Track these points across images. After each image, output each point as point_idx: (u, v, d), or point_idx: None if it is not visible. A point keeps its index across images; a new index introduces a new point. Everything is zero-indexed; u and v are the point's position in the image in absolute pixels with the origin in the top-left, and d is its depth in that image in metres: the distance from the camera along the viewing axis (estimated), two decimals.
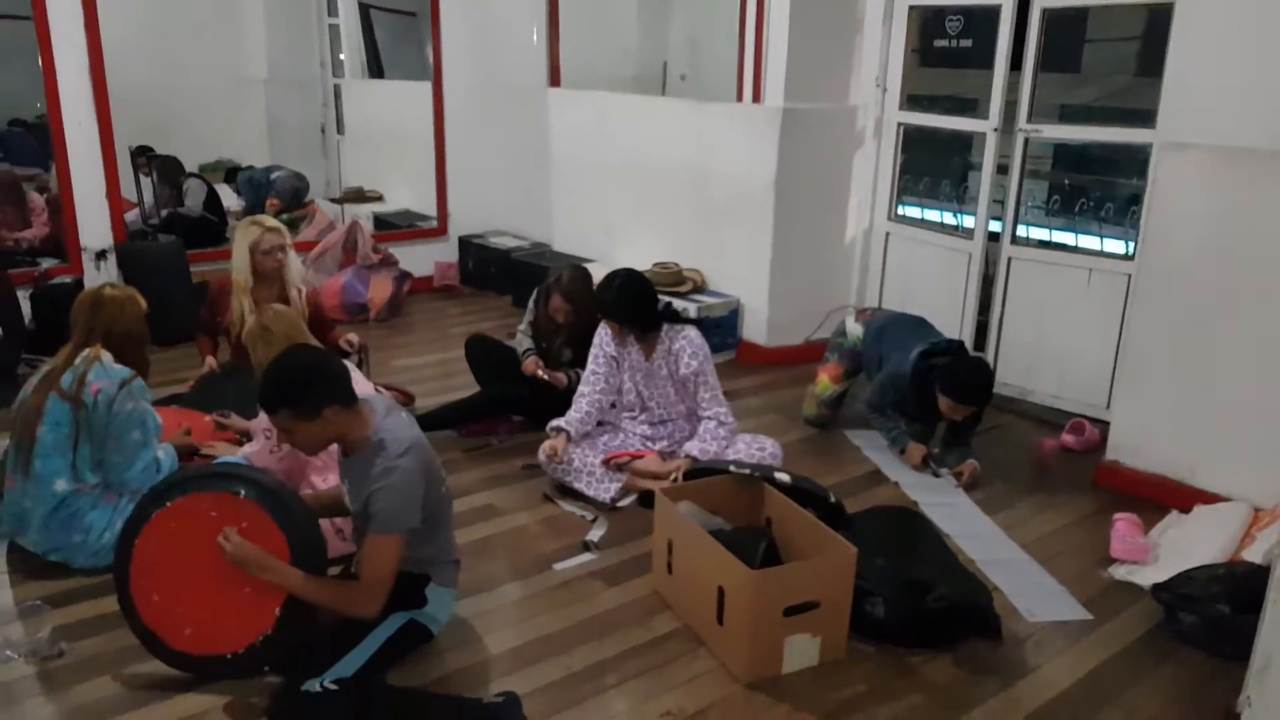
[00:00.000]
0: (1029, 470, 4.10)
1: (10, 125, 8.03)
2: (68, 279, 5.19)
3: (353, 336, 4.35)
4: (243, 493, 2.49)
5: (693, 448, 3.65)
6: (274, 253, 4.08)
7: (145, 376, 3.17)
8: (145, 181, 7.19)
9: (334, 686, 2.36)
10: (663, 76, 8.20)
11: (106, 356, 3.07)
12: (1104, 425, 4.22)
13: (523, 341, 4.35)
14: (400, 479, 2.46)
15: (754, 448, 3.72)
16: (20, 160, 6.92)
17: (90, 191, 5.30)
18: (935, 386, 3.77)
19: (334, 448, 2.60)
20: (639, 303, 3.69)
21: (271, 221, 4.18)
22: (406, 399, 4.42)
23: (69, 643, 2.68)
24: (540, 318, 4.29)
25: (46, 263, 5.48)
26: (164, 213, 7.03)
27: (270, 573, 2.44)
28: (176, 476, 2.60)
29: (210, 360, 4.22)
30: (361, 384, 3.27)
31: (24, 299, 4.90)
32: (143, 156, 7.18)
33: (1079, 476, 3.99)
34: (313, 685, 2.34)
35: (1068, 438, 4.27)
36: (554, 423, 3.76)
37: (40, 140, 7.79)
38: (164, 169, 7.20)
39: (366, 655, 2.47)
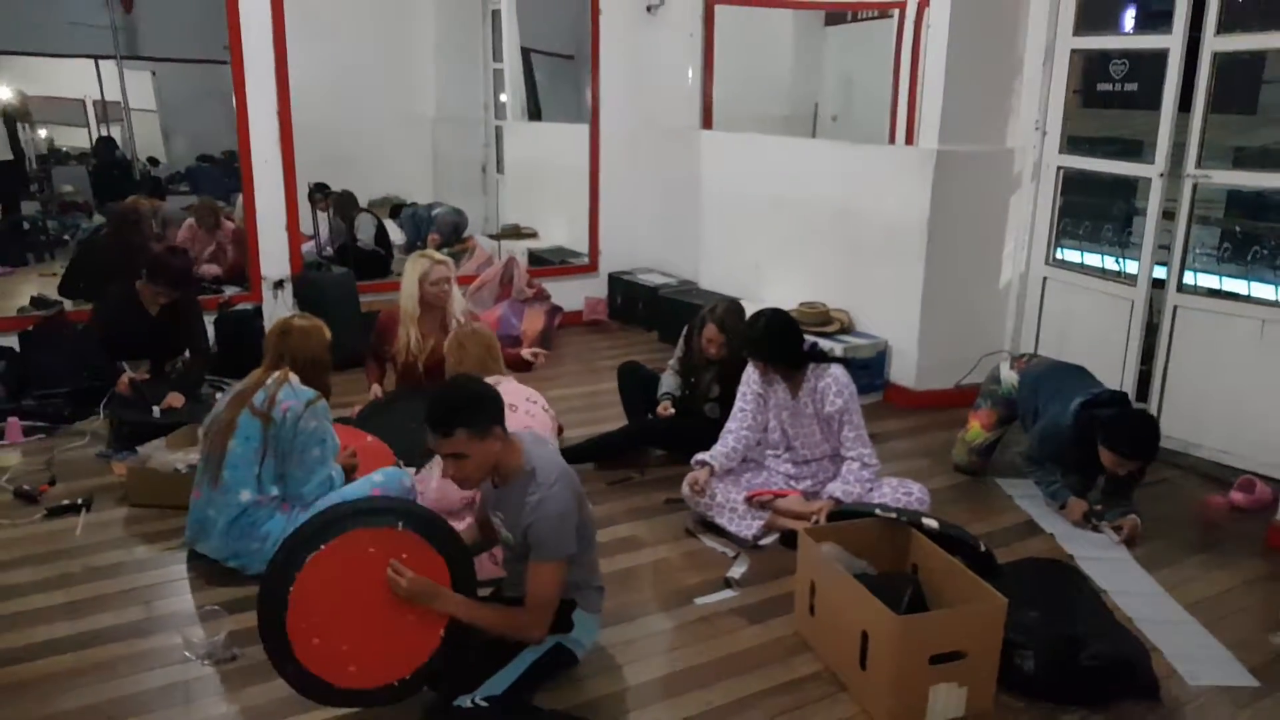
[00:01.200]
0: (1194, 528, 3.91)
1: (199, 160, 8.71)
2: (249, 306, 5.59)
3: (539, 350, 4.53)
4: (400, 525, 2.50)
5: (835, 489, 3.64)
6: (441, 284, 4.30)
7: (327, 399, 3.41)
8: (321, 216, 7.64)
9: (484, 704, 2.44)
10: (814, 117, 8.25)
11: (294, 378, 3.32)
12: (1277, 483, 4.01)
13: (666, 382, 4.43)
14: (557, 506, 2.55)
15: (900, 492, 3.68)
16: (205, 192, 7.47)
17: (272, 225, 5.71)
18: (1098, 439, 3.63)
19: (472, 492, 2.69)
20: (784, 340, 3.71)
21: (439, 255, 4.41)
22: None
23: (241, 648, 2.84)
24: (693, 352, 4.36)
25: (229, 290, 5.91)
26: (337, 245, 7.44)
27: (443, 601, 2.49)
28: (326, 516, 2.53)
29: (376, 388, 4.46)
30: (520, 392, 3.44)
31: (209, 323, 5.26)
32: (319, 193, 7.63)
33: (1249, 537, 3.79)
34: (464, 701, 2.43)
35: (1237, 495, 4.06)
36: (699, 456, 3.82)
37: (225, 174, 8.45)
38: (339, 204, 7.63)
39: (515, 675, 2.55)
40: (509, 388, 3.44)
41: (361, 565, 2.44)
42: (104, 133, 8.20)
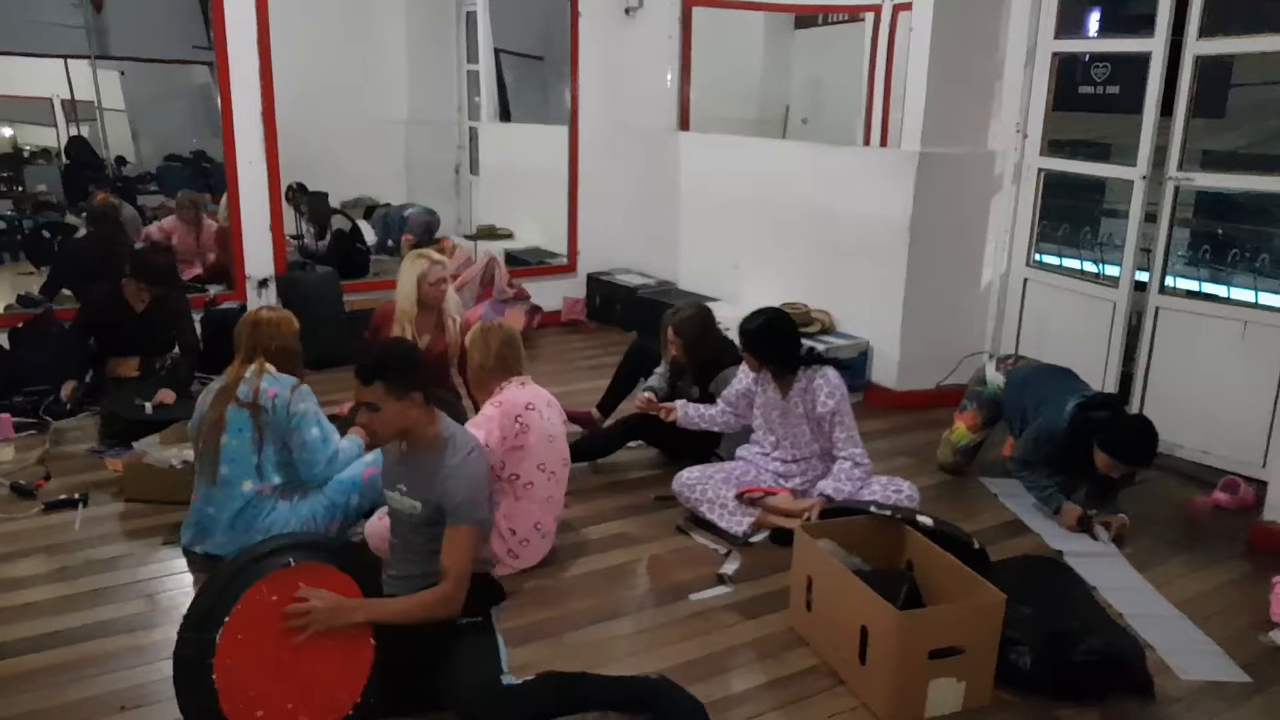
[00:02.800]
0: (1179, 527, 3.96)
1: (166, 160, 8.62)
2: (234, 304, 5.53)
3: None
4: (292, 559, 2.41)
5: (827, 486, 3.65)
6: (439, 284, 4.30)
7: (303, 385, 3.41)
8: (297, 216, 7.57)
9: (529, 676, 2.48)
10: (784, 120, 8.29)
11: (270, 368, 3.33)
12: (1259, 483, 4.07)
13: (654, 381, 4.46)
14: (476, 471, 2.62)
15: (890, 490, 3.69)
16: (173, 192, 7.37)
17: (256, 225, 5.66)
18: (1095, 442, 3.66)
19: None
20: (782, 341, 3.72)
21: (437, 255, 4.40)
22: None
23: None
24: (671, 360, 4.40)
25: (213, 289, 5.86)
26: (321, 245, 7.36)
27: (358, 612, 2.45)
28: (213, 588, 2.36)
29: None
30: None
31: (196, 322, 5.19)
32: (301, 194, 7.57)
33: (1233, 536, 3.84)
34: (511, 679, 2.45)
35: (1220, 495, 4.12)
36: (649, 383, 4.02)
37: (193, 174, 8.36)
38: (312, 206, 7.56)
39: (503, 646, 2.62)
40: (534, 390, 3.42)
41: (270, 618, 2.33)
42: (74, 132, 8.10)
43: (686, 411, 4.01)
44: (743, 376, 3.92)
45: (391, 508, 2.75)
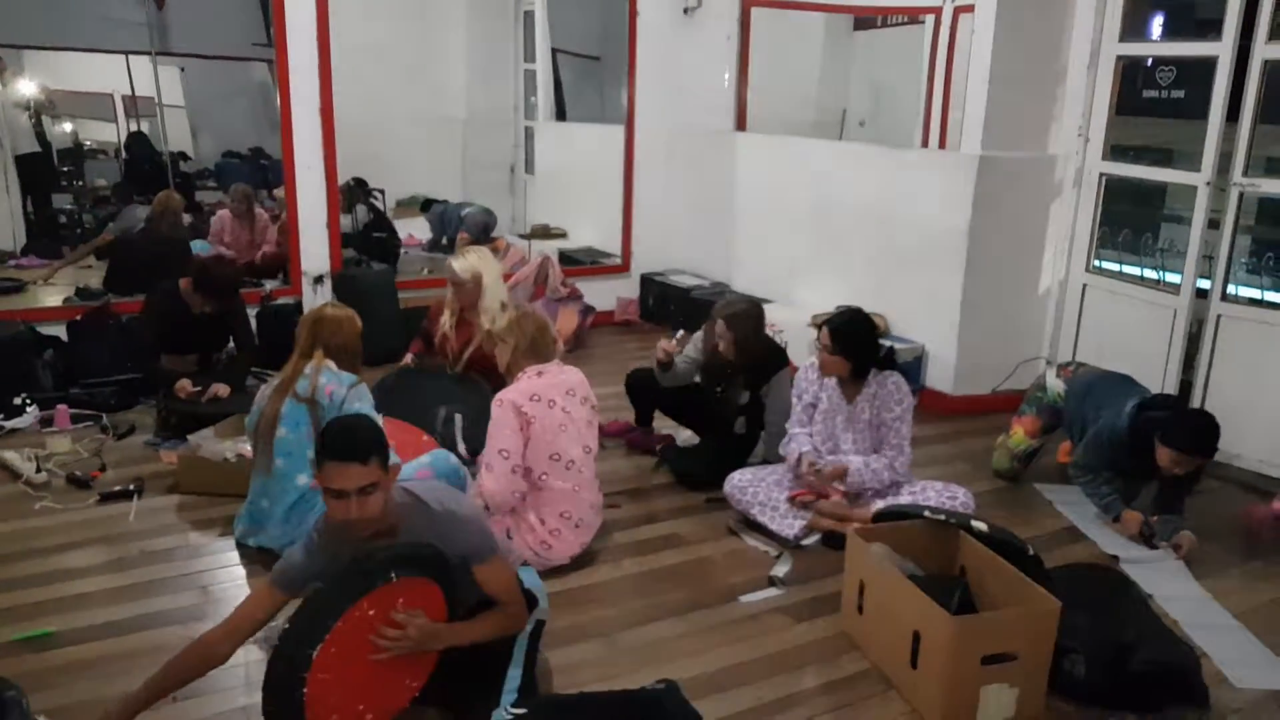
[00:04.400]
0: (1238, 537, 3.90)
1: (225, 156, 8.79)
2: (289, 300, 5.64)
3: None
4: (394, 575, 2.36)
5: (856, 461, 3.69)
6: (460, 287, 4.37)
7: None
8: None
9: (520, 710, 2.43)
10: (841, 122, 8.25)
11: (330, 364, 3.38)
12: None
13: (685, 355, 4.33)
14: (467, 507, 2.57)
15: (945, 496, 3.68)
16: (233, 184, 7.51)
17: (313, 221, 5.75)
18: (1156, 437, 3.59)
19: None
20: (870, 340, 3.72)
21: (468, 262, 4.40)
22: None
23: None
24: (711, 353, 4.25)
25: (269, 284, 5.97)
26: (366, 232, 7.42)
27: (443, 638, 2.45)
28: (316, 604, 2.33)
29: (409, 357, 4.60)
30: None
31: (250, 317, 5.28)
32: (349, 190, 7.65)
33: None
34: (500, 715, 2.42)
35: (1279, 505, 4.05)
36: (805, 448, 3.81)
37: (252, 170, 8.52)
38: (345, 193, 7.48)
39: (520, 665, 2.56)
40: (550, 380, 3.45)
41: (365, 633, 2.34)
42: (134, 128, 8.29)
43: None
44: (806, 386, 3.89)
45: None
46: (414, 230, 8.37)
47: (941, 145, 7.02)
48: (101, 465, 4.16)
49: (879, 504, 3.62)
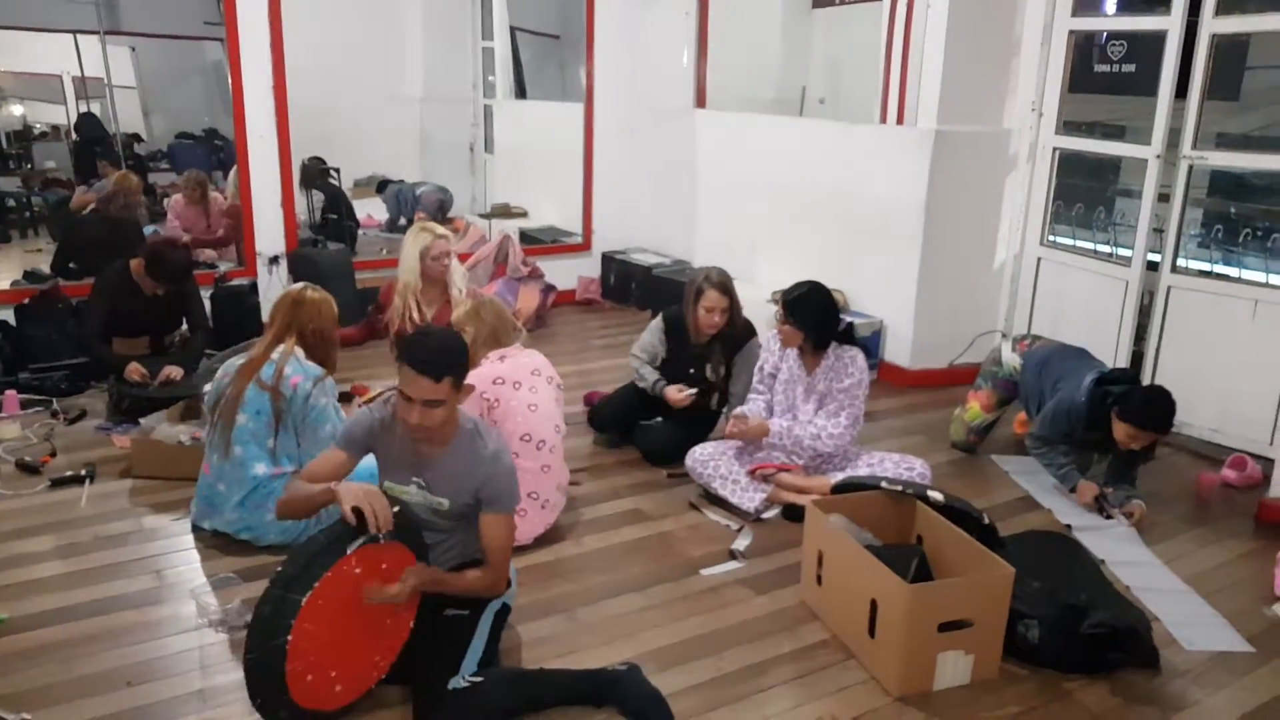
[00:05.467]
0: (1188, 504, 3.98)
1: (177, 138, 8.63)
2: (244, 281, 5.57)
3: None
4: (381, 537, 2.42)
5: (778, 424, 3.76)
6: (441, 259, 4.34)
7: (332, 375, 3.40)
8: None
9: (478, 678, 2.46)
10: (801, 99, 8.26)
11: (299, 352, 3.30)
12: (1267, 461, 4.09)
13: (646, 374, 4.27)
14: (509, 459, 2.63)
15: (902, 467, 3.73)
16: (186, 170, 7.38)
17: (267, 201, 5.68)
18: (1113, 413, 3.66)
19: None
20: (827, 313, 3.75)
21: (440, 229, 4.42)
22: None
23: None
24: (690, 333, 4.16)
25: (223, 265, 5.89)
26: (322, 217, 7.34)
27: (425, 580, 2.50)
28: (309, 550, 2.38)
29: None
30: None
31: (204, 299, 5.21)
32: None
33: (1240, 512, 3.87)
34: (458, 682, 2.44)
35: (1229, 473, 4.13)
36: (738, 410, 3.90)
37: (207, 151, 8.37)
38: (304, 174, 7.36)
39: (483, 643, 2.57)
40: (513, 363, 3.46)
41: (350, 588, 2.38)
42: (83, 109, 8.11)
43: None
44: (768, 356, 3.93)
45: (399, 500, 2.64)
46: (371, 210, 8.28)
47: (899, 122, 7.03)
48: (52, 450, 4.09)
49: (838, 476, 3.66)
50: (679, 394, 4.14)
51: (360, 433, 2.66)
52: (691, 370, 4.22)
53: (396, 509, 2.47)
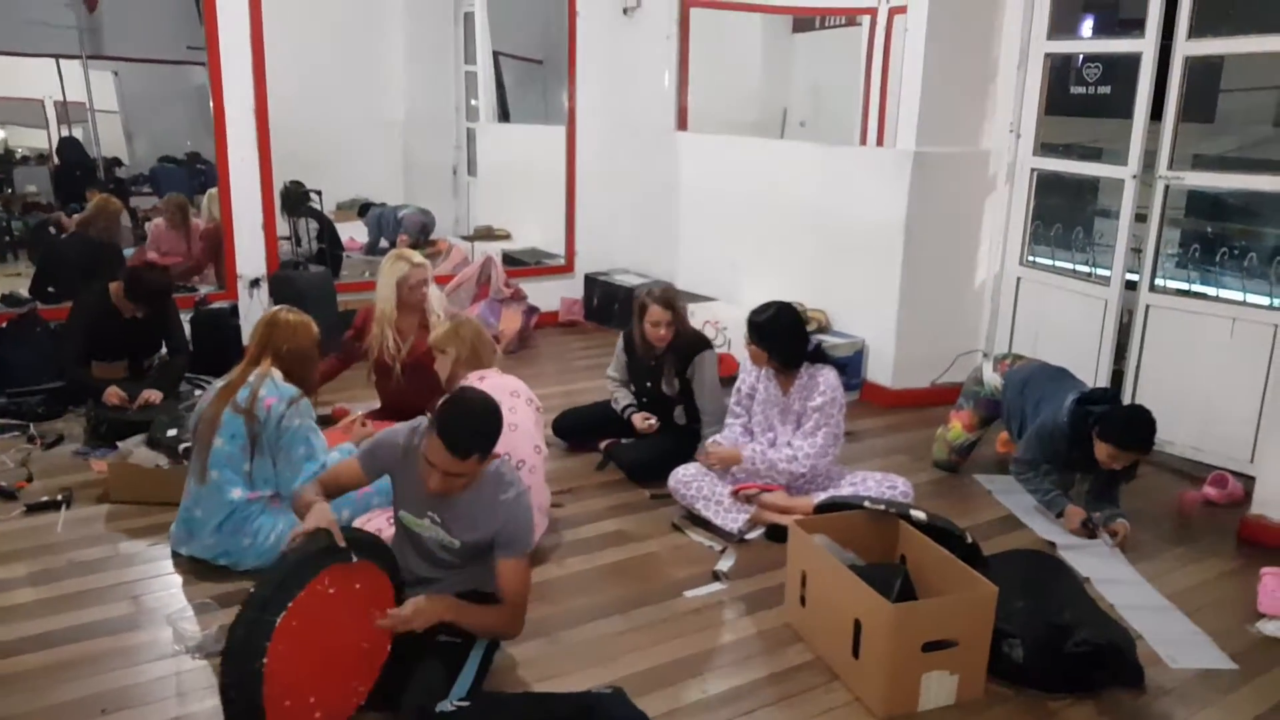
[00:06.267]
0: (1170, 522, 3.99)
1: (161, 161, 8.61)
2: (224, 304, 5.54)
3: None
4: (354, 557, 2.44)
5: (755, 454, 3.76)
6: (419, 288, 4.29)
7: (311, 397, 3.37)
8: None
9: (464, 703, 2.44)
10: (782, 122, 8.32)
11: (276, 374, 3.27)
12: (1247, 479, 4.11)
13: (620, 397, 4.39)
14: (526, 503, 2.61)
15: (885, 485, 3.73)
16: (167, 194, 7.35)
17: (248, 223, 5.67)
18: (1094, 433, 3.66)
19: None
20: (791, 334, 3.76)
21: (418, 257, 4.36)
22: None
23: None
24: (638, 353, 4.29)
25: (204, 289, 5.85)
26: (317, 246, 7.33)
27: (449, 612, 2.49)
28: (281, 572, 2.35)
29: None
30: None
31: (184, 322, 5.16)
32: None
33: (1222, 530, 3.88)
34: (445, 706, 2.41)
35: (1210, 490, 4.15)
36: (715, 437, 3.93)
37: (189, 175, 8.34)
38: (285, 199, 7.31)
39: (473, 674, 2.56)
40: (493, 383, 3.44)
41: (324, 609, 2.35)
42: (65, 133, 8.09)
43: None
44: (745, 376, 3.94)
45: (409, 530, 2.68)
46: (353, 234, 8.27)
47: (879, 143, 7.10)
48: (28, 475, 4.04)
49: (820, 496, 3.66)
50: (643, 422, 4.23)
51: (384, 455, 2.68)
52: (649, 384, 4.30)
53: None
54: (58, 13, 7.32)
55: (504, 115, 8.86)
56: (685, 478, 3.85)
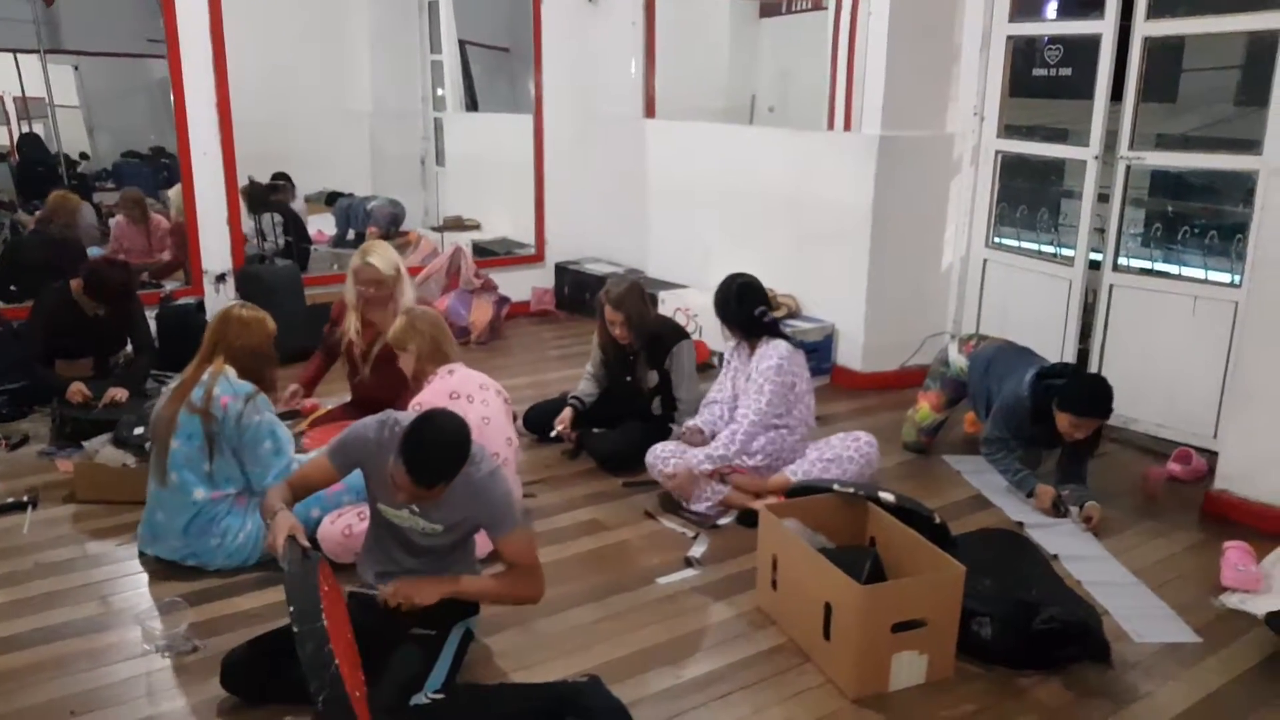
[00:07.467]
0: (1135, 498, 4.04)
1: (123, 156, 8.50)
2: (190, 300, 5.49)
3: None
4: (320, 555, 2.55)
5: (792, 470, 3.74)
6: (368, 287, 4.13)
7: (271, 394, 3.35)
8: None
9: (439, 695, 2.47)
10: (751, 108, 8.31)
11: (230, 371, 3.23)
12: (1210, 454, 4.16)
13: (582, 387, 4.44)
14: (503, 479, 2.63)
15: (848, 442, 3.80)
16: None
17: (212, 217, 5.61)
18: (1054, 404, 3.70)
19: None
20: (741, 302, 3.81)
21: (376, 255, 4.12)
22: None
23: (203, 640, 2.82)
24: (608, 347, 4.34)
25: (169, 285, 5.80)
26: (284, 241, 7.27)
27: (457, 586, 2.59)
28: (297, 584, 2.34)
29: (295, 388, 4.31)
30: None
31: (150, 319, 5.12)
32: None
33: (1186, 505, 3.94)
34: (420, 698, 2.44)
35: (1174, 466, 4.21)
36: (690, 423, 3.96)
37: (153, 170, 8.25)
38: (248, 196, 6.94)
39: (448, 665, 2.58)
40: (462, 375, 3.43)
41: (330, 606, 2.34)
42: (25, 129, 7.97)
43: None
44: (727, 355, 4.02)
45: (388, 520, 2.65)
46: (321, 226, 8.21)
47: (847, 128, 7.10)
48: None
49: (788, 470, 3.72)
50: (559, 423, 4.29)
51: (355, 449, 2.65)
52: (629, 379, 4.32)
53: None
54: (13, 6, 7.20)
55: (472, 104, 8.81)
56: (664, 454, 3.84)
